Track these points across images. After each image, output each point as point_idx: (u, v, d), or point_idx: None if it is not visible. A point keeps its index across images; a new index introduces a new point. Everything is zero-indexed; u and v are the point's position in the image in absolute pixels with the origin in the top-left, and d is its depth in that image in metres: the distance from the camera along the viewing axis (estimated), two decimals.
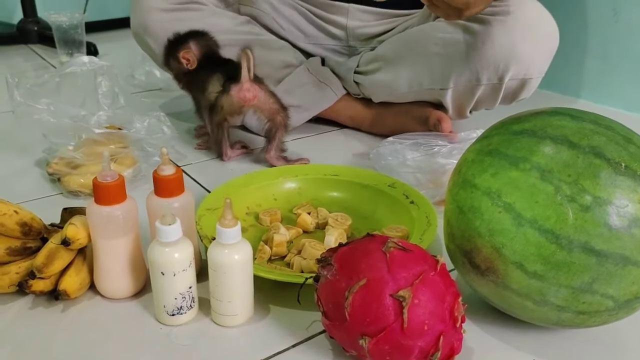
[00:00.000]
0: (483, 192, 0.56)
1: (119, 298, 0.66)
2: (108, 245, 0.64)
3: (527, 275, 0.53)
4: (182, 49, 1.02)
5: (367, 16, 1.18)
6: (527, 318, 0.59)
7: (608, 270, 0.51)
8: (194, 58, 1.02)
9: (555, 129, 0.55)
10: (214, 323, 0.63)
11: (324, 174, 0.90)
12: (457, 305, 0.53)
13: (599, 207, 0.51)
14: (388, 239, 0.55)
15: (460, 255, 0.59)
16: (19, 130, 1.15)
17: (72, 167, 0.92)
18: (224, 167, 1.03)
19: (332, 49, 1.23)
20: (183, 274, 0.60)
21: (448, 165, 0.88)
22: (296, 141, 1.14)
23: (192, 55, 1.01)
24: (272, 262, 0.73)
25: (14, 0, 2.03)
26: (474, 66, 0.99)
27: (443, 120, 1.06)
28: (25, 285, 0.63)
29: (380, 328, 0.50)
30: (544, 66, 1.00)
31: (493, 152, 0.57)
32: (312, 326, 0.62)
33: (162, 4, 1.10)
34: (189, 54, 1.01)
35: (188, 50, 1.01)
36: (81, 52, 1.70)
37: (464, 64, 0.99)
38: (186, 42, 1.02)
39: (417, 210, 0.79)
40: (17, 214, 0.65)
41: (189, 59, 1.01)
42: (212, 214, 0.76)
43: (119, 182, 0.62)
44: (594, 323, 0.56)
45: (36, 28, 1.93)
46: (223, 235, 0.58)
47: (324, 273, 0.55)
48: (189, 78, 1.04)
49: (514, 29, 0.95)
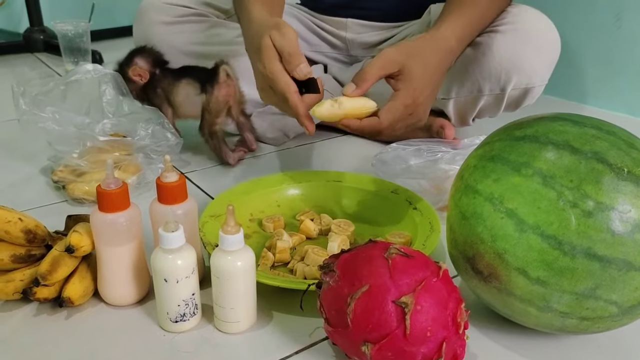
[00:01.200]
0: (485, 198, 0.56)
1: (122, 305, 0.66)
2: (112, 253, 0.64)
3: (530, 281, 0.53)
4: (129, 67, 1.05)
5: (366, 29, 1.18)
6: (530, 324, 0.58)
7: (611, 275, 0.51)
8: (144, 72, 1.05)
9: (557, 135, 0.55)
10: (217, 330, 0.63)
11: (327, 180, 0.90)
12: (460, 312, 0.53)
13: (601, 213, 0.51)
14: (390, 245, 0.55)
15: (463, 261, 0.59)
16: (25, 138, 1.16)
17: (77, 174, 0.93)
18: (227, 174, 1.03)
19: (334, 57, 1.23)
20: (186, 281, 0.60)
21: (451, 171, 0.88)
22: (300, 147, 1.15)
23: (141, 69, 1.05)
24: (275, 268, 0.73)
25: (21, 9, 2.05)
26: (475, 77, 0.99)
27: (446, 127, 1.06)
28: (30, 292, 0.63)
29: (383, 334, 0.50)
30: (546, 75, 1.00)
31: (495, 157, 0.57)
32: (315, 333, 0.62)
33: (165, 17, 1.11)
34: (137, 69, 1.05)
35: (135, 67, 1.05)
36: (86, 60, 1.72)
37: (466, 74, 0.99)
38: (130, 60, 1.06)
39: (420, 217, 0.79)
40: (22, 222, 0.66)
41: (140, 74, 1.05)
42: (216, 220, 0.76)
43: (123, 189, 0.62)
44: (598, 329, 0.56)
45: (42, 37, 1.94)
46: (226, 242, 0.58)
47: (327, 279, 0.55)
48: (150, 92, 1.07)
49: (514, 40, 0.95)
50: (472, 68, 0.98)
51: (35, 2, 1.95)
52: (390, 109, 0.73)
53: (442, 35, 0.80)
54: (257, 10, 0.81)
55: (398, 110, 0.73)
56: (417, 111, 0.75)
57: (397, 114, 0.74)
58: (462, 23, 0.83)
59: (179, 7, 1.13)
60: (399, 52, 0.74)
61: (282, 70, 0.72)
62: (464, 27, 0.83)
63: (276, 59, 0.73)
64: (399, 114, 0.74)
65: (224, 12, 1.20)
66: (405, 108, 0.74)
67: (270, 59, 0.73)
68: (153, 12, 1.12)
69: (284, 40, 0.72)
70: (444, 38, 0.80)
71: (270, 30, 0.74)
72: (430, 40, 0.79)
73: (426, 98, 0.76)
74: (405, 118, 0.75)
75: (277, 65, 0.72)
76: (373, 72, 0.72)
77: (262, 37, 0.74)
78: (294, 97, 0.72)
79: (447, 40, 0.80)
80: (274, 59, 0.73)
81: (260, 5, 0.83)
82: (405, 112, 0.74)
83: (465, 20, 0.84)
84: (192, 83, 1.02)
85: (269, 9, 0.84)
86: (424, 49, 0.76)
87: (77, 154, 0.93)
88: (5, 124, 1.27)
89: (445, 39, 0.80)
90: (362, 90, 0.72)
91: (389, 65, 0.73)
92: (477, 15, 0.87)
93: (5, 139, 1.19)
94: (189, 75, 1.03)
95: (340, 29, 1.19)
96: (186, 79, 1.02)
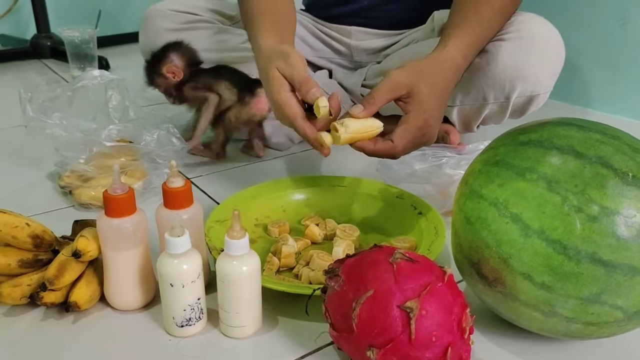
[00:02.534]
0: (490, 203, 0.56)
1: (128, 310, 0.67)
2: (118, 257, 0.64)
3: (535, 286, 0.53)
4: (164, 63, 1.04)
5: (370, 36, 1.19)
6: (535, 329, 0.58)
7: (617, 280, 0.51)
8: (178, 70, 1.04)
9: (562, 139, 0.55)
10: (222, 334, 0.63)
11: (332, 185, 0.90)
12: (465, 316, 0.53)
13: (606, 217, 0.51)
14: (395, 250, 0.55)
15: (468, 266, 0.59)
16: (31, 144, 1.17)
17: (84, 180, 0.93)
18: (232, 179, 1.04)
19: (338, 63, 1.24)
20: (192, 286, 0.60)
21: (456, 176, 0.88)
22: (305, 153, 1.15)
23: (176, 68, 1.04)
24: (281, 273, 0.73)
25: (28, 16, 2.07)
26: (480, 85, 0.98)
27: (451, 133, 1.06)
28: (37, 297, 0.64)
29: (388, 339, 0.50)
30: (550, 82, 1.00)
31: (500, 162, 0.58)
32: (320, 337, 0.62)
33: (170, 24, 1.12)
34: (172, 67, 1.04)
35: (170, 65, 1.04)
36: (93, 66, 1.73)
37: (471, 82, 0.99)
38: (166, 55, 1.04)
39: (425, 222, 0.79)
40: (29, 227, 0.66)
41: (174, 72, 1.04)
42: (221, 225, 0.76)
43: (129, 194, 0.62)
44: (603, 334, 0.56)
45: (49, 43, 1.96)
46: (231, 247, 0.58)
47: (332, 284, 0.56)
48: (184, 90, 1.06)
49: (518, 48, 0.94)
50: (477, 76, 0.98)
51: (42, 9, 1.96)
52: (403, 133, 0.74)
53: (448, 54, 0.80)
54: (264, 39, 0.82)
55: (411, 134, 0.74)
56: (428, 132, 0.75)
57: (410, 137, 0.74)
58: (468, 41, 0.82)
59: (184, 14, 1.14)
60: (406, 74, 0.74)
61: (289, 99, 0.74)
62: (469, 45, 0.83)
63: (283, 89, 0.74)
64: (411, 136, 0.74)
65: (229, 18, 1.20)
66: (417, 130, 0.74)
67: (278, 90, 0.74)
68: (159, 19, 1.13)
69: (293, 70, 0.73)
70: (450, 57, 0.80)
71: (277, 62, 0.75)
72: (437, 60, 0.79)
73: (436, 119, 0.76)
74: (417, 139, 0.75)
75: (283, 95, 0.74)
76: (381, 96, 0.72)
77: (269, 68, 0.75)
78: (300, 124, 0.73)
79: (453, 59, 0.80)
80: (280, 89, 0.74)
81: (268, 33, 0.83)
82: (418, 133, 0.74)
83: (471, 39, 0.83)
84: (231, 88, 1.02)
85: (278, 33, 0.84)
86: (431, 69, 0.76)
87: (84, 160, 0.94)
88: (12, 130, 1.28)
89: (452, 58, 0.80)
90: (369, 112, 0.72)
91: (398, 88, 0.73)
92: (481, 30, 0.86)
93: (12, 144, 1.20)
94: (229, 80, 1.02)
95: (344, 36, 1.20)
96: (225, 83, 1.02)
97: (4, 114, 1.38)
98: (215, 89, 1.03)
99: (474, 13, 0.85)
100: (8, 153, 1.16)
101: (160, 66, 1.04)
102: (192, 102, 1.06)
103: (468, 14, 0.85)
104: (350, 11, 1.17)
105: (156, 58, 1.05)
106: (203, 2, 1.18)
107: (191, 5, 1.16)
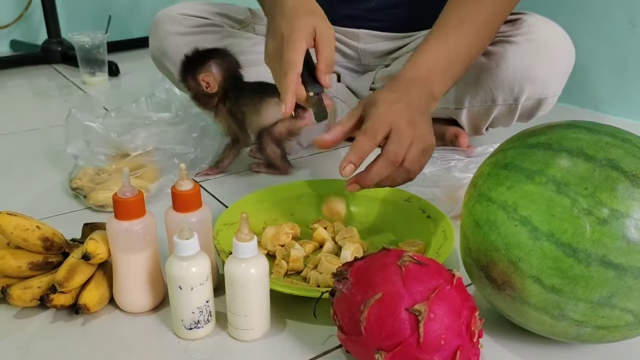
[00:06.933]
0: (499, 206, 0.56)
1: (137, 312, 0.67)
2: (127, 260, 0.65)
3: (545, 289, 0.53)
4: (202, 71, 0.97)
5: (378, 39, 1.19)
6: (545, 333, 0.58)
7: (627, 284, 0.51)
8: (214, 82, 0.97)
9: (571, 142, 0.55)
10: (230, 337, 0.63)
11: (341, 189, 0.90)
12: (474, 320, 0.52)
13: (616, 220, 0.50)
14: (403, 253, 0.55)
15: (476, 269, 0.59)
16: (43, 147, 1.18)
17: (95, 182, 0.94)
18: (241, 182, 1.04)
19: (346, 66, 1.24)
20: (200, 288, 0.60)
21: (465, 179, 0.88)
22: (313, 156, 1.15)
23: (213, 79, 0.97)
24: (289, 276, 0.73)
25: (39, 21, 2.09)
26: (488, 87, 0.98)
27: (460, 136, 1.06)
28: (47, 299, 0.64)
29: (396, 342, 0.50)
30: (559, 86, 0.99)
31: (509, 165, 0.57)
32: (329, 340, 0.62)
33: (180, 28, 1.12)
34: (210, 77, 0.97)
35: (209, 74, 0.97)
36: (103, 71, 1.74)
37: (479, 85, 0.99)
38: (207, 63, 0.97)
39: (434, 225, 0.78)
40: (39, 229, 0.67)
41: (209, 83, 0.98)
42: (230, 228, 0.76)
43: (138, 197, 0.63)
44: (614, 338, 0.55)
45: (60, 48, 1.98)
46: (239, 250, 0.59)
47: (340, 287, 0.56)
48: (219, 107, 1.02)
49: (528, 50, 0.94)
50: (485, 78, 0.98)
51: (53, 15, 1.99)
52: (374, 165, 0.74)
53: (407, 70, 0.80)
54: None
55: (376, 139, 0.72)
56: (407, 132, 0.71)
57: (391, 142, 0.71)
58: (439, 58, 0.80)
59: (193, 18, 1.14)
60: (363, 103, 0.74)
61: (298, 61, 0.72)
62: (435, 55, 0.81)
63: (300, 51, 0.72)
64: (391, 141, 0.71)
65: (238, 22, 1.21)
66: (381, 133, 0.71)
67: (296, 49, 0.72)
68: (168, 23, 1.13)
69: (330, 42, 0.74)
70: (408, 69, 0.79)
71: (318, 19, 0.74)
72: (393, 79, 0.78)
73: (410, 116, 0.72)
74: (398, 140, 0.71)
75: (298, 56, 0.72)
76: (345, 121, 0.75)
77: (307, 16, 0.73)
78: (292, 76, 0.71)
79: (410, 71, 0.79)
80: (299, 49, 0.72)
81: None
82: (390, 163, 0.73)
83: (442, 56, 0.80)
84: (270, 107, 0.99)
85: None
86: (385, 89, 0.76)
87: (106, 159, 0.97)
88: (24, 134, 1.30)
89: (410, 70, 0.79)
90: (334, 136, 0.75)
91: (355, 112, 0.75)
92: (462, 45, 0.83)
93: (24, 148, 1.21)
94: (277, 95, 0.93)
95: (352, 39, 1.20)
96: (275, 99, 0.97)
97: (15, 119, 1.39)
98: (260, 106, 0.99)
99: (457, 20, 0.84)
100: (20, 156, 1.17)
101: (198, 71, 0.97)
102: (222, 123, 1.03)
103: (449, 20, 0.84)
104: (358, 14, 1.17)
105: (196, 60, 0.98)
106: (212, 6, 1.19)
107: (200, 10, 1.16)
